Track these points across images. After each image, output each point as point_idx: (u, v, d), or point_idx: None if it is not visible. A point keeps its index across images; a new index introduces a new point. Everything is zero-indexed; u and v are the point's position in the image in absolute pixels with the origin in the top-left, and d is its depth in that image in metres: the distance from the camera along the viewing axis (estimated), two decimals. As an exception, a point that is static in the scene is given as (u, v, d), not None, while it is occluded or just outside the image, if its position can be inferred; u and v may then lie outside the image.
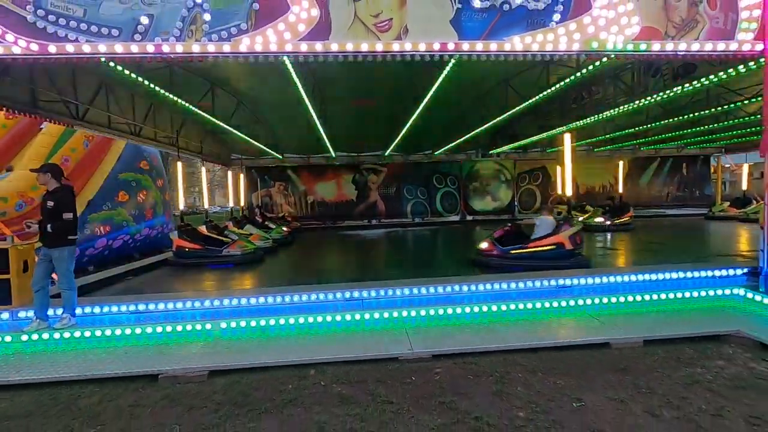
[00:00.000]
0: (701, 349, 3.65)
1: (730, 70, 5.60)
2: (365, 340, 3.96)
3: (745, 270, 5.05)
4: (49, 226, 4.17)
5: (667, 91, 6.56)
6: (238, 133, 9.99)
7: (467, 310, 4.45)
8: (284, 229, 11.96)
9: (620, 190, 14.80)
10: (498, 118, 8.57)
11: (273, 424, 2.69)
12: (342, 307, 4.62)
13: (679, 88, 6.41)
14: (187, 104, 6.52)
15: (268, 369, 3.51)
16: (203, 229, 8.95)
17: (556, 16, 4.22)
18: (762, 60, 4.48)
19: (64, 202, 4.25)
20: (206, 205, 16.41)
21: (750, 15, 4.38)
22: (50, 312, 4.34)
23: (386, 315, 4.36)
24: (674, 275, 4.97)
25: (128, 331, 4.26)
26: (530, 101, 7.07)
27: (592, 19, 4.24)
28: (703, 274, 5.03)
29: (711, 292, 4.66)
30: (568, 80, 5.67)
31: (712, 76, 5.74)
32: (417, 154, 16.36)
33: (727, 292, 4.65)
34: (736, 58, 4.57)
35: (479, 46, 4.18)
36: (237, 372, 3.47)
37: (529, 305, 4.51)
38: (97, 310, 4.63)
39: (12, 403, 3.10)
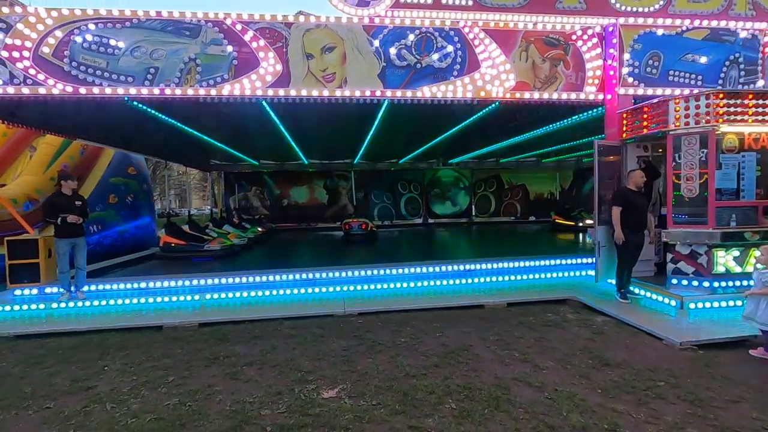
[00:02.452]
0: (545, 308, 5.32)
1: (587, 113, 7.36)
2: (313, 305, 5.48)
3: (591, 259, 6.79)
4: (81, 219, 5.55)
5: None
6: (219, 144, 11.34)
7: (390, 286, 6.04)
8: (259, 229, 13.34)
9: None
10: (440, 137, 10.27)
11: (244, 348, 4.16)
12: (299, 284, 6.13)
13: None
14: (176, 122, 7.84)
15: (242, 322, 4.98)
16: (186, 228, 10.27)
17: (455, 73, 5.86)
18: (603, 106, 6.24)
19: (86, 202, 5.63)
20: (191, 208, 17.53)
21: (594, 74, 6.14)
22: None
23: (330, 289, 5.91)
24: (545, 262, 6.71)
25: (135, 301, 5.66)
26: (463, 124, 8.73)
27: (480, 75, 5.91)
28: (563, 261, 6.77)
29: (567, 273, 6.42)
30: (483, 111, 7.30)
31: (575, 117, 7.57)
32: (383, 162, 17.94)
33: (578, 273, 6.40)
34: (585, 104, 6.32)
35: (399, 93, 5.77)
36: (219, 324, 4.93)
37: (438, 282, 6.13)
38: (108, 286, 5.99)
39: (59, 343, 4.47)
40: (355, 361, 3.75)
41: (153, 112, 6.77)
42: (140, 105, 5.93)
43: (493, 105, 6.45)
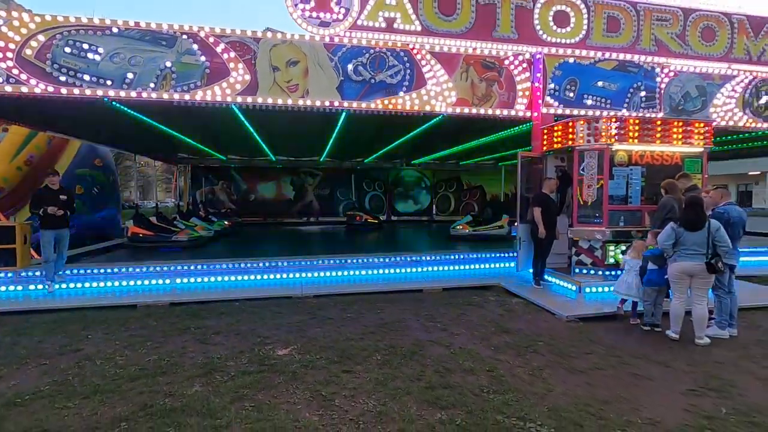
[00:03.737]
0: (473, 292, 6.29)
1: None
2: (274, 289, 6.23)
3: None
4: (67, 213, 6.00)
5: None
6: (187, 139, 11.75)
7: (344, 273, 6.86)
8: (226, 222, 13.81)
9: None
10: (397, 142, 11.18)
11: (212, 321, 4.87)
12: (262, 271, 6.84)
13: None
14: (145, 117, 8.27)
15: (210, 302, 5.66)
16: (154, 219, 10.68)
17: (404, 88, 6.73)
18: (531, 121, 7.29)
19: (72, 198, 6.06)
20: (154, 200, 17.62)
21: (523, 94, 7.17)
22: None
23: (290, 275, 6.67)
24: (479, 255, 7.74)
25: (109, 284, 6.22)
26: (416, 131, 9.64)
27: (426, 91, 6.80)
28: (495, 255, 7.82)
29: (497, 264, 7.47)
30: (432, 122, 8.21)
31: (516, 129, 8.65)
32: (349, 161, 18.68)
33: (507, 265, 7.46)
34: (516, 119, 7.34)
35: (355, 104, 6.58)
36: (190, 303, 5.60)
37: (386, 270, 7.01)
38: (83, 271, 6.48)
39: (42, 318, 5.02)
40: (306, 330, 4.56)
41: (125, 108, 7.25)
42: (118, 105, 6.42)
43: (440, 117, 7.36)
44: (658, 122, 6.08)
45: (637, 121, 5.98)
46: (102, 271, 6.53)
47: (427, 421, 2.73)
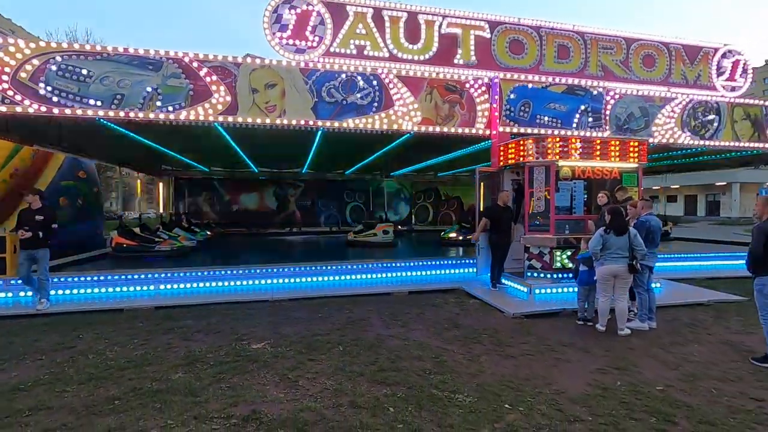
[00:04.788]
0: (436, 295, 6.89)
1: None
2: (252, 294, 6.72)
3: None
4: (40, 233, 5.84)
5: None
6: (171, 152, 12.17)
7: (318, 279, 7.40)
8: (208, 233, 14.19)
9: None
10: (373, 156, 11.86)
11: (193, 322, 5.34)
12: (239, 277, 7.32)
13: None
14: (129, 132, 8.69)
15: (192, 306, 6.13)
16: (137, 230, 11.03)
17: (374, 109, 7.37)
18: (491, 139, 8.01)
19: (52, 217, 6.24)
20: (136, 211, 17.84)
21: (483, 114, 7.89)
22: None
23: (263, 281, 7.18)
24: (443, 262, 8.36)
25: (96, 290, 6.61)
26: (389, 147, 10.30)
27: (394, 111, 7.45)
28: (459, 261, 8.46)
29: (460, 270, 8.11)
30: (402, 139, 8.87)
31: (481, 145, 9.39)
32: (331, 173, 19.26)
33: (470, 270, 8.11)
34: (477, 137, 8.05)
35: (328, 123, 7.18)
36: (172, 307, 6.05)
37: (360, 276, 7.57)
38: (71, 279, 6.86)
39: (32, 322, 5.42)
40: (279, 328, 5.08)
41: (112, 125, 7.70)
42: (105, 122, 6.88)
43: (409, 134, 8.02)
44: (598, 141, 6.85)
45: (578, 140, 6.73)
46: (89, 278, 6.90)
47: (374, 395, 3.29)
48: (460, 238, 13.23)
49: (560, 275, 6.71)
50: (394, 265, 8.12)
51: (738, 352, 4.34)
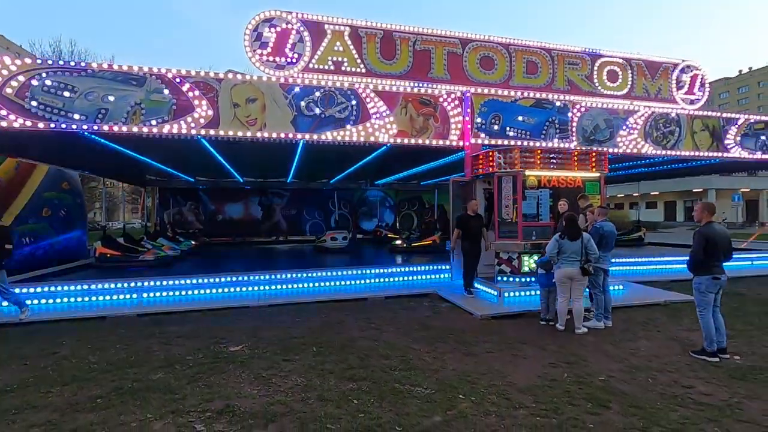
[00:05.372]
0: (411, 299, 7.19)
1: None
2: (234, 300, 6.95)
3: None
4: None
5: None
6: (155, 163, 12.33)
7: (299, 286, 7.65)
8: (193, 242, 14.31)
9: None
10: (355, 166, 12.21)
11: (175, 328, 5.55)
12: (223, 285, 7.53)
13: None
14: (113, 144, 8.87)
15: (175, 313, 6.33)
16: (121, 240, 11.14)
17: (351, 122, 7.71)
18: (463, 151, 8.40)
19: (5, 237, 6.08)
20: (120, 221, 17.84)
21: (456, 126, 8.29)
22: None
23: (247, 289, 7.40)
24: (420, 268, 8.68)
25: (78, 299, 6.77)
26: (369, 157, 10.66)
27: (371, 124, 7.80)
28: (432, 267, 8.78)
29: (435, 276, 8.44)
30: (380, 150, 9.24)
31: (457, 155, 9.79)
32: (316, 182, 19.53)
33: (441, 276, 8.45)
34: (451, 149, 8.44)
35: (307, 136, 7.49)
36: (154, 315, 6.25)
37: (338, 283, 7.84)
38: (53, 288, 7.00)
39: (15, 330, 5.57)
40: (258, 332, 5.32)
41: (96, 138, 7.90)
42: (89, 134, 7.08)
43: (387, 146, 8.37)
44: (562, 152, 7.29)
45: (541, 152, 7.15)
46: (72, 287, 7.04)
47: (341, 390, 3.57)
48: (404, 245, 14.05)
49: (528, 279, 7.08)
50: (372, 271, 8.41)
51: (682, 347, 4.72)
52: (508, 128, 8.38)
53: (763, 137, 10.64)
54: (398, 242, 14.49)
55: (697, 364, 4.19)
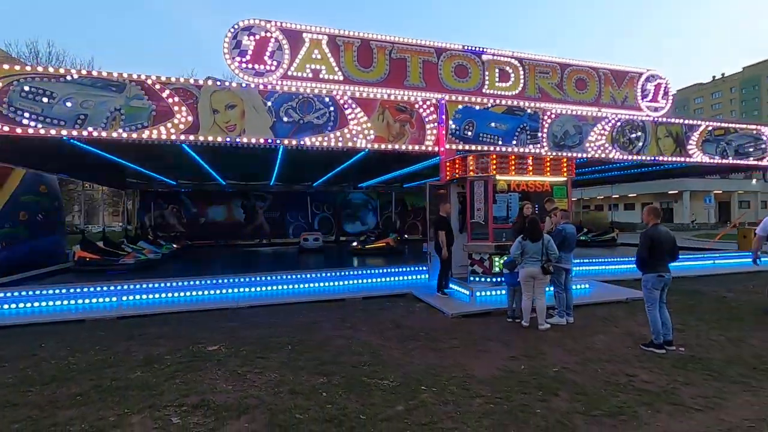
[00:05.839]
0: (388, 299, 7.44)
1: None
2: (214, 302, 7.09)
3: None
4: None
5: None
6: (136, 167, 12.34)
7: (280, 288, 7.84)
8: (174, 245, 14.31)
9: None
10: (337, 169, 12.44)
11: (155, 330, 5.68)
12: (202, 287, 7.66)
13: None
14: (92, 149, 8.90)
15: (155, 315, 6.44)
16: (101, 243, 11.12)
17: (329, 128, 7.94)
18: (438, 156, 8.71)
19: None
20: (100, 225, 17.65)
21: (431, 132, 8.59)
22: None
23: (227, 291, 7.55)
24: (398, 269, 8.94)
25: (58, 303, 6.82)
26: (350, 162, 10.89)
27: (348, 130, 8.04)
28: (410, 269, 9.06)
29: (412, 277, 8.71)
30: (360, 155, 9.48)
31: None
32: (299, 184, 19.67)
33: (418, 277, 8.73)
34: (427, 154, 8.74)
35: (286, 141, 7.70)
36: (135, 317, 6.36)
37: (317, 284, 8.05)
38: (31, 292, 7.03)
39: (3, 332, 5.64)
40: (236, 332, 5.50)
41: (76, 142, 7.95)
42: (71, 141, 7.15)
43: (365, 151, 8.61)
44: (530, 158, 7.65)
45: (513, 157, 7.50)
46: (50, 291, 7.08)
47: (312, 384, 3.80)
48: (360, 247, 14.64)
49: (499, 278, 7.39)
50: (350, 273, 8.64)
51: (634, 341, 5.07)
52: (481, 134, 8.72)
53: (723, 143, 11.25)
54: (355, 244, 15.08)
55: (645, 356, 4.54)
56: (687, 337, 5.18)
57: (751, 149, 11.54)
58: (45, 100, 6.59)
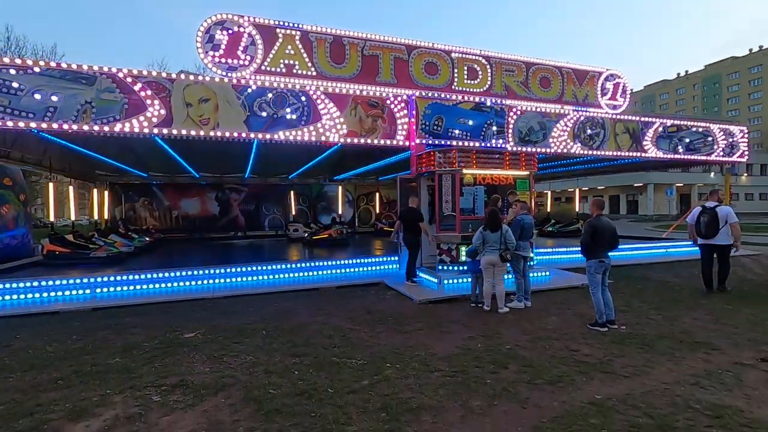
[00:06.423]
0: (361, 288, 7.76)
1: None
2: (190, 293, 7.24)
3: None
4: None
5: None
6: (106, 159, 12.16)
7: (256, 278, 8.04)
8: (147, 239, 14.18)
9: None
10: (311, 163, 12.61)
11: (131, 319, 5.83)
12: (178, 279, 7.79)
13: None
14: (60, 140, 8.78)
15: (130, 306, 6.57)
16: (71, 237, 10.97)
17: (303, 122, 8.13)
18: (410, 150, 9.04)
19: None
20: (73, 217, 17.20)
21: (402, 127, 8.90)
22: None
23: (203, 282, 7.70)
24: (371, 260, 9.28)
25: (30, 296, 6.83)
26: (324, 155, 11.10)
27: (321, 124, 8.25)
28: (382, 259, 9.42)
29: (384, 267, 9.07)
30: (333, 149, 9.72)
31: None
32: (274, 177, 19.66)
33: (392, 267, 9.10)
34: (398, 148, 9.05)
35: (260, 135, 7.84)
36: (109, 308, 6.46)
37: (291, 274, 8.29)
38: (3, 286, 7.00)
39: (-33, 326, 5.65)
40: (212, 320, 5.71)
41: (45, 135, 7.87)
42: (41, 133, 7.09)
43: (337, 145, 8.85)
44: (495, 153, 8.08)
45: (478, 152, 7.90)
46: (21, 285, 7.07)
47: (285, 364, 4.09)
48: (308, 238, 15.45)
49: (464, 267, 7.83)
50: (325, 263, 8.92)
51: (583, 321, 5.56)
52: (450, 129, 9.09)
53: (675, 139, 12.02)
54: (306, 235, 15.99)
55: (590, 334, 5.03)
56: (629, 317, 5.73)
57: (701, 145, 12.38)
58: (13, 92, 6.53)
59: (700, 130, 12.28)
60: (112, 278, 7.53)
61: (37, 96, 6.66)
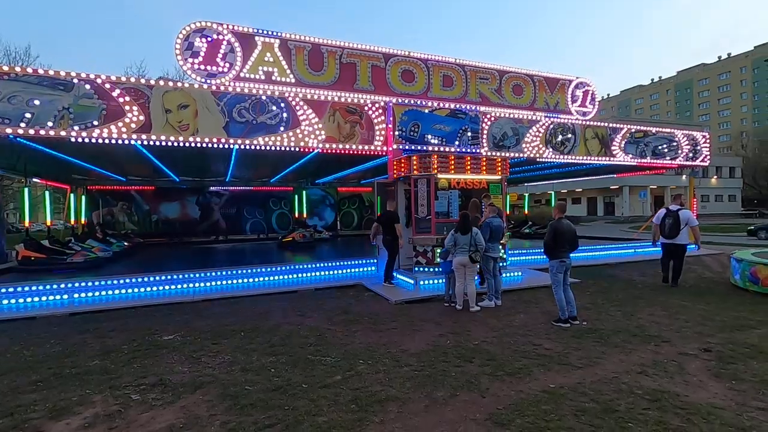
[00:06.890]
0: (339, 290, 7.96)
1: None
2: (169, 297, 7.32)
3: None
4: None
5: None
6: (82, 163, 12.05)
7: (235, 282, 8.15)
8: (125, 243, 14.06)
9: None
10: (291, 167, 12.76)
11: (109, 324, 5.89)
12: (157, 283, 7.85)
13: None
14: (35, 145, 8.71)
15: (108, 311, 6.61)
16: (46, 242, 10.85)
17: (282, 128, 8.30)
18: (387, 155, 9.30)
19: None
20: (39, 222, 16.87)
21: (380, 133, 9.15)
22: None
23: (182, 286, 7.78)
24: (349, 262, 9.49)
25: (5, 302, 6.81)
26: (303, 160, 11.27)
27: (300, 130, 8.44)
28: (362, 261, 9.64)
29: (363, 269, 9.28)
30: (311, 154, 9.90)
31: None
32: (255, 182, 19.68)
33: (368, 269, 9.32)
34: (376, 153, 9.30)
35: (239, 141, 7.99)
36: (87, 313, 6.50)
37: (271, 278, 8.43)
38: (-25, 292, 6.96)
39: (-59, 333, 5.63)
40: (191, 323, 5.83)
41: (22, 140, 7.83)
42: (18, 139, 7.08)
43: (316, 151, 9.04)
44: (469, 158, 8.40)
45: (453, 157, 8.21)
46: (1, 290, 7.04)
47: (261, 362, 4.27)
48: (280, 240, 16.61)
49: (438, 268, 8.10)
50: (304, 266, 9.09)
51: (548, 318, 5.88)
52: (426, 135, 9.39)
53: (642, 144, 12.61)
54: (280, 238, 16.95)
55: (552, 330, 5.35)
56: (591, 313, 6.09)
57: (666, 150, 13.01)
58: (-13, 97, 6.53)
59: (665, 135, 12.90)
60: (89, 283, 7.54)
61: (14, 101, 6.67)
